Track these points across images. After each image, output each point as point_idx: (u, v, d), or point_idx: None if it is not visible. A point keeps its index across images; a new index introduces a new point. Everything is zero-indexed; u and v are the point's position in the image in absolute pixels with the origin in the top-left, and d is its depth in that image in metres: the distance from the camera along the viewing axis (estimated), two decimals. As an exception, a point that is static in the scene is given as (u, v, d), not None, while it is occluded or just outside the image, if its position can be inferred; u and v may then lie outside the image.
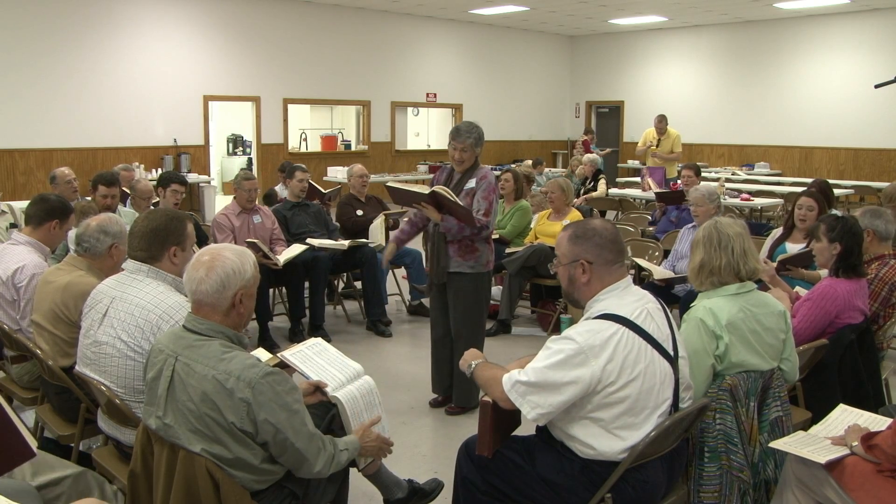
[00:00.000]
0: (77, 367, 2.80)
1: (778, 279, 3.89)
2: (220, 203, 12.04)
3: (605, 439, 2.27)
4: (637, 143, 11.16)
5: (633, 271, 5.66)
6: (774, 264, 4.20)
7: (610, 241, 2.37)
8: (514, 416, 2.54)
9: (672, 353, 2.33)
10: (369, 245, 6.10)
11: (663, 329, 2.34)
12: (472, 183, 4.16)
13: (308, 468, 2.20)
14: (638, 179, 11.00)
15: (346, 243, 5.81)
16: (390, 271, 6.48)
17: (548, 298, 6.31)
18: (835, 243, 3.46)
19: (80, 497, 2.36)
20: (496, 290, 6.26)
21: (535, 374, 2.24)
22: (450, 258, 4.20)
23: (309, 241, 5.79)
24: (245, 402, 2.08)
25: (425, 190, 4.09)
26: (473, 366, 2.51)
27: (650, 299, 2.40)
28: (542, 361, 2.26)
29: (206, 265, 2.18)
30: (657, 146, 10.23)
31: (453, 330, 4.30)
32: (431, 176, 12.14)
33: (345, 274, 6.48)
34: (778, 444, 2.55)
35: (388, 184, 4.38)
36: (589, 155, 10.24)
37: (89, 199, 5.67)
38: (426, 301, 6.31)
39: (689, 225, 5.56)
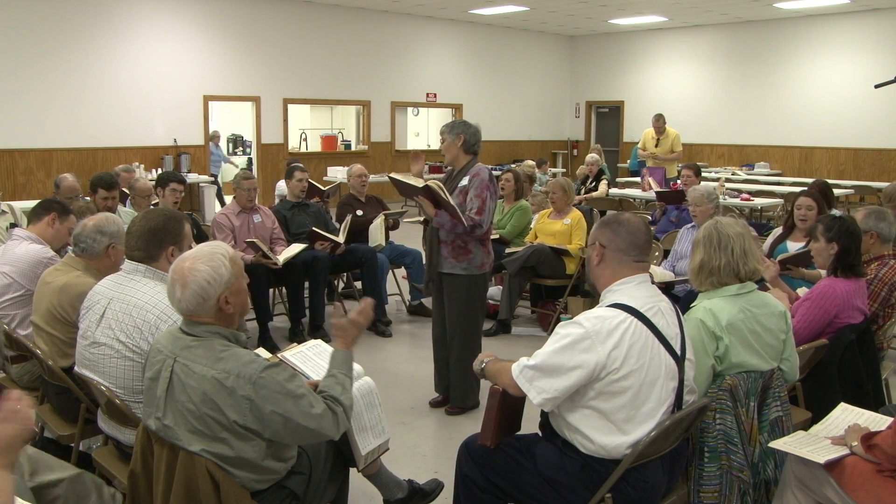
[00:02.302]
0: (76, 369, 2.80)
1: (778, 279, 3.89)
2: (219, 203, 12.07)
3: (606, 433, 2.28)
4: (636, 142, 11.17)
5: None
6: (777, 262, 4.18)
7: (628, 233, 2.41)
8: (517, 414, 2.56)
9: (679, 352, 2.35)
10: (368, 245, 6.10)
11: (673, 328, 2.36)
12: (465, 181, 4.16)
13: (331, 438, 2.22)
14: (638, 179, 11.01)
15: (341, 238, 5.81)
16: (390, 271, 6.47)
17: (548, 298, 6.31)
18: (832, 243, 3.46)
19: (78, 499, 2.35)
20: (496, 290, 6.27)
21: (542, 358, 2.28)
22: (443, 258, 4.20)
23: (314, 229, 5.77)
24: (248, 400, 2.07)
25: (421, 184, 4.12)
26: (485, 363, 2.55)
27: (664, 299, 2.42)
28: (549, 346, 2.30)
29: (180, 283, 2.15)
30: (657, 145, 10.24)
31: (448, 330, 4.30)
32: (431, 176, 12.13)
33: (345, 274, 6.48)
34: (778, 444, 2.55)
35: (391, 175, 4.41)
36: (592, 154, 10.25)
37: (88, 199, 5.68)
38: (426, 301, 6.32)
39: (689, 225, 5.56)
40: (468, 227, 4.06)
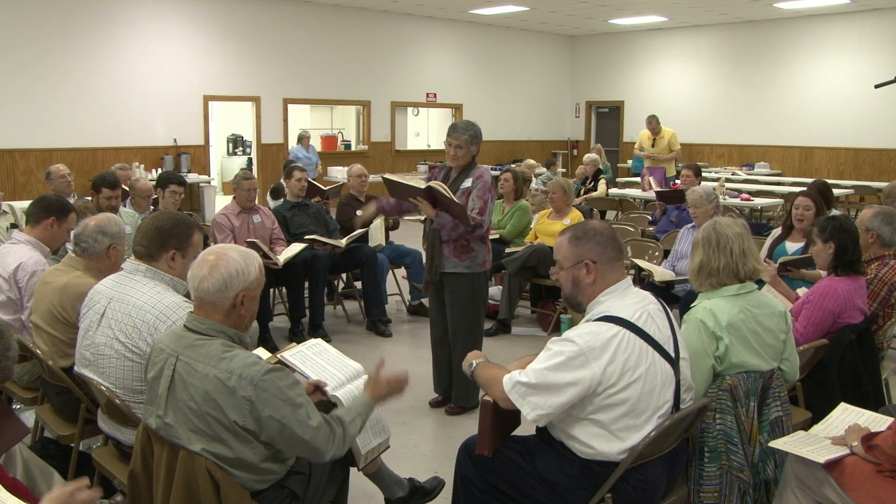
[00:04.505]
0: (76, 369, 2.80)
1: (778, 280, 3.89)
2: (220, 203, 12.04)
3: (605, 440, 2.27)
4: (635, 143, 11.17)
5: (632, 272, 5.67)
6: (775, 264, 4.19)
7: (610, 239, 2.39)
8: (514, 415, 2.54)
9: (673, 354, 2.33)
10: (368, 245, 6.10)
11: (664, 331, 2.34)
12: (468, 182, 4.16)
13: (321, 456, 2.19)
14: (638, 179, 11.01)
15: (343, 242, 5.81)
16: (390, 271, 6.48)
17: (548, 298, 6.32)
18: (828, 243, 3.47)
19: None
20: (496, 290, 6.27)
21: (536, 376, 2.25)
22: (445, 258, 4.20)
23: (310, 237, 5.78)
24: (248, 401, 2.07)
25: (422, 185, 4.09)
26: (474, 365, 2.51)
27: (651, 300, 2.39)
28: (542, 363, 2.26)
29: (210, 264, 2.18)
30: (653, 146, 10.25)
31: (451, 330, 4.30)
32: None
33: (345, 274, 6.48)
34: (778, 444, 2.55)
35: (385, 176, 4.34)
36: (590, 154, 10.25)
37: (88, 199, 5.67)
38: (426, 301, 6.32)
39: (689, 225, 5.55)
40: (470, 227, 4.06)
